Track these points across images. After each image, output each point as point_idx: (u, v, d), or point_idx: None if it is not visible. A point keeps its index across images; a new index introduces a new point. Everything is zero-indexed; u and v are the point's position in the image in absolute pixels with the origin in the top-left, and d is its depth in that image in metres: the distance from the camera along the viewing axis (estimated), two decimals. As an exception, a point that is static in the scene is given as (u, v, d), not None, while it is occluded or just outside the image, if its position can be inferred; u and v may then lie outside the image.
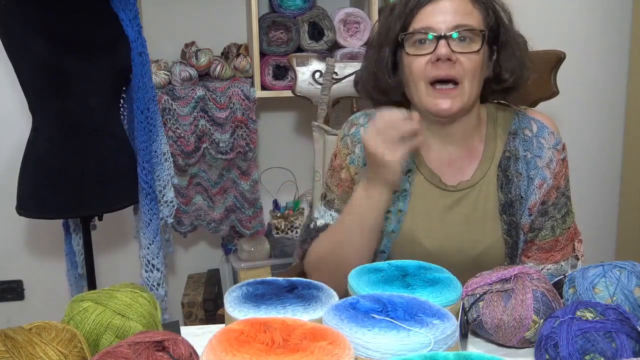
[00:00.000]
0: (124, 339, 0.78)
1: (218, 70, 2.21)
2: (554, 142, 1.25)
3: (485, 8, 1.20)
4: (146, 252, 1.81)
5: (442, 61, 1.15)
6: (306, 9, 2.23)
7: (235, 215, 2.31)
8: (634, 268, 0.93)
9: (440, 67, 1.16)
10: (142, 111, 1.74)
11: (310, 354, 0.71)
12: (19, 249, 2.37)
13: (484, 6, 1.20)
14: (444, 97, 1.18)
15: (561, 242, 1.25)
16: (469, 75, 1.17)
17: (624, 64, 2.56)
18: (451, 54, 1.15)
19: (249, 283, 1.01)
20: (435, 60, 1.15)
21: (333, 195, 1.32)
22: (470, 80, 1.17)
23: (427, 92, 1.19)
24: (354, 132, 1.31)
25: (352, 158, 1.30)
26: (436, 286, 0.96)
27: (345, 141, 1.32)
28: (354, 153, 1.30)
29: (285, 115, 2.51)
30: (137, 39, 1.70)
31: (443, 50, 1.14)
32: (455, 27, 1.15)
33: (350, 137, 1.31)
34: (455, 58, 1.15)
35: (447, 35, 1.15)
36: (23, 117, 1.95)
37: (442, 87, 1.17)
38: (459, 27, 1.15)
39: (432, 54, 1.16)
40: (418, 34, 1.17)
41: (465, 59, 1.16)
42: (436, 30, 1.16)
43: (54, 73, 1.59)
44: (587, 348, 0.80)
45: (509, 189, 1.23)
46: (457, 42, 1.16)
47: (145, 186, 1.76)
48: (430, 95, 1.18)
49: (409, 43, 1.19)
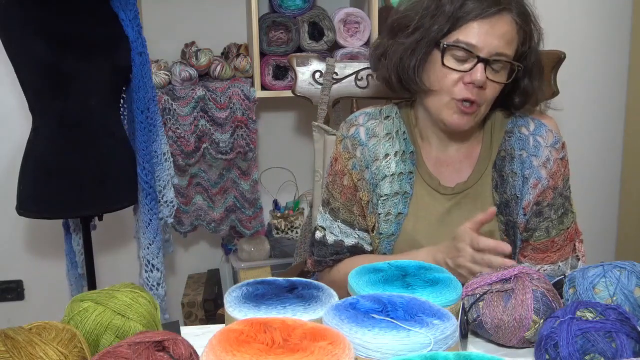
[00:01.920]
0: (124, 339, 0.78)
1: (218, 70, 2.21)
2: (552, 140, 1.23)
3: (524, 34, 1.18)
4: (146, 252, 1.81)
5: (474, 86, 1.15)
6: (306, 9, 2.23)
7: (235, 215, 2.31)
8: (634, 268, 0.93)
9: (470, 90, 1.15)
10: (142, 111, 1.74)
11: (310, 354, 0.71)
12: (19, 249, 2.37)
13: (522, 33, 1.18)
14: (462, 115, 1.17)
15: (558, 243, 1.23)
16: (488, 101, 1.18)
17: (624, 64, 2.56)
18: (485, 82, 1.14)
19: (249, 283, 1.01)
20: (468, 82, 1.15)
21: (337, 204, 1.29)
22: (487, 104, 1.19)
23: (449, 105, 1.18)
24: (354, 133, 1.28)
25: (354, 163, 1.27)
26: (436, 286, 0.96)
27: (345, 144, 1.29)
28: (355, 157, 1.27)
29: (285, 115, 2.51)
30: (137, 39, 1.70)
31: (479, 77, 1.13)
32: (498, 54, 1.14)
33: (350, 139, 1.28)
34: (486, 85, 1.15)
35: (488, 60, 1.14)
36: (23, 117, 1.95)
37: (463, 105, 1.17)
38: (500, 55, 1.15)
39: (467, 75, 1.14)
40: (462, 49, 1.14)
41: (491, 85, 1.16)
42: (479, 50, 1.14)
43: (54, 73, 1.59)
44: (587, 348, 0.80)
45: (504, 189, 1.23)
46: (492, 68, 1.15)
47: (145, 186, 1.76)
48: (451, 109, 1.18)
49: (449, 53, 1.16)
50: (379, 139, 1.26)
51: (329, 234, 1.29)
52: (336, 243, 1.28)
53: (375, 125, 1.28)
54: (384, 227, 1.24)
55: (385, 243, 1.24)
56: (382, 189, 1.24)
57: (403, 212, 1.24)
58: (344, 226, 1.28)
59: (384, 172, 1.24)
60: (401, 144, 1.26)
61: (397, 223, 1.24)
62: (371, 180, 1.25)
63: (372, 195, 1.25)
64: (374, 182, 1.25)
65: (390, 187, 1.24)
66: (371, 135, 1.27)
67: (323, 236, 1.30)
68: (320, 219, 1.32)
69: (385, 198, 1.24)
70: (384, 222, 1.24)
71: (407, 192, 1.24)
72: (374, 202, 1.25)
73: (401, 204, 1.24)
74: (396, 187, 1.24)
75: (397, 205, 1.24)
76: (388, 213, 1.23)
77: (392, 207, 1.23)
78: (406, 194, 1.24)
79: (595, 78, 2.57)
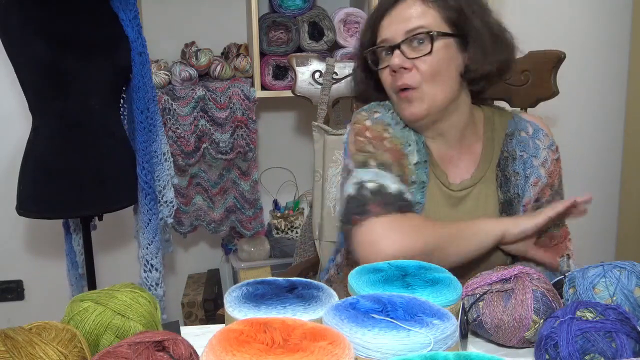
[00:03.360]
0: (124, 339, 0.78)
1: (218, 70, 2.21)
2: (548, 143, 1.28)
3: (444, 3, 1.18)
4: (145, 252, 1.81)
5: (399, 72, 1.18)
6: (306, 9, 2.23)
7: (235, 215, 2.31)
8: (634, 268, 0.93)
9: (398, 77, 1.19)
10: (142, 111, 1.74)
11: (310, 354, 0.71)
12: (19, 249, 2.37)
13: (439, 5, 1.18)
14: (406, 102, 1.20)
15: (555, 237, 1.26)
16: (427, 78, 1.17)
17: (624, 64, 2.56)
18: (404, 62, 1.17)
19: (249, 283, 1.01)
20: (394, 72, 1.19)
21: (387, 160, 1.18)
22: (429, 82, 1.17)
23: (397, 100, 1.23)
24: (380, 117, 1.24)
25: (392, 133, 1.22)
26: (436, 286, 0.96)
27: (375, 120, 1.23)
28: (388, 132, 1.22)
29: (285, 115, 2.51)
30: (137, 39, 1.70)
31: (395, 61, 1.17)
32: (406, 32, 1.17)
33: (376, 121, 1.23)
34: (411, 65, 1.17)
35: (398, 43, 1.18)
36: (23, 117, 1.95)
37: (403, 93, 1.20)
38: (409, 32, 1.17)
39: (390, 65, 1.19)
40: (379, 48, 1.22)
41: (420, 62, 1.17)
42: (390, 41, 1.19)
43: (54, 73, 1.59)
44: (587, 348, 0.80)
45: (508, 188, 1.25)
46: (410, 48, 1.17)
47: (145, 186, 1.76)
48: (399, 102, 1.22)
49: (380, 57, 1.23)
50: (401, 126, 1.25)
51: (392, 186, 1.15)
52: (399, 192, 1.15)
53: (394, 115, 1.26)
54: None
55: None
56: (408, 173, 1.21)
57: (421, 202, 1.22)
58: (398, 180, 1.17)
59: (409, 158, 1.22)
60: (414, 135, 1.25)
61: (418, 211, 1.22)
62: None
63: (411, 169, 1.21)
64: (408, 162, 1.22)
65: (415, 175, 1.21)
66: (396, 122, 1.25)
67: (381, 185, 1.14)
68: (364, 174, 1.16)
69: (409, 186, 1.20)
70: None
71: (424, 181, 1.23)
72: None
73: (419, 194, 1.22)
74: (415, 176, 1.21)
75: (415, 195, 1.21)
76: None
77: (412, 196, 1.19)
78: (423, 183, 1.22)
79: (595, 78, 2.57)
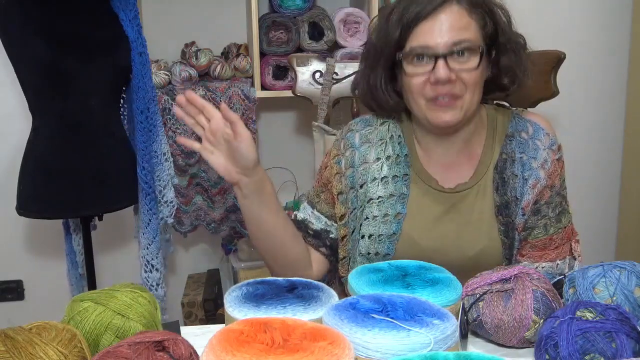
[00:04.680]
0: (124, 339, 0.78)
1: (218, 70, 2.20)
2: (549, 143, 1.25)
3: (482, 15, 1.18)
4: (145, 252, 1.81)
5: (441, 83, 1.14)
6: (306, 9, 2.23)
7: (235, 216, 2.31)
8: (634, 268, 0.93)
9: (439, 88, 1.15)
10: (142, 111, 1.74)
11: (310, 354, 0.71)
12: (19, 249, 2.37)
13: (480, 13, 1.18)
14: (445, 110, 1.17)
15: (556, 240, 1.24)
16: (470, 89, 1.17)
17: (624, 64, 2.56)
18: (450, 75, 1.14)
19: (249, 283, 1.01)
20: (434, 82, 1.15)
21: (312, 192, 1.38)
22: (471, 92, 1.17)
23: (428, 107, 1.19)
24: (349, 136, 1.32)
25: (339, 159, 1.31)
26: (436, 286, 0.96)
27: (338, 144, 1.33)
28: (344, 155, 1.31)
29: (285, 115, 2.51)
30: (137, 39, 1.70)
31: (442, 73, 1.13)
32: (454, 44, 1.14)
33: (344, 140, 1.32)
34: (455, 77, 1.14)
35: (445, 54, 1.13)
36: (23, 117, 1.94)
37: (443, 100, 1.17)
38: (457, 44, 1.14)
39: (431, 74, 1.15)
40: (416, 53, 1.16)
41: (465, 74, 1.15)
42: (434, 49, 1.14)
43: (54, 73, 1.59)
44: (587, 348, 0.80)
45: (505, 191, 1.24)
46: (455, 58, 1.14)
47: (145, 186, 1.76)
48: (431, 109, 1.18)
49: (407, 61, 1.18)
50: (372, 144, 1.30)
51: (299, 214, 1.39)
52: (301, 221, 1.36)
53: (370, 132, 1.31)
54: (384, 228, 1.25)
55: (387, 243, 1.25)
56: (373, 191, 1.27)
57: (402, 212, 1.25)
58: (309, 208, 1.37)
59: (373, 174, 1.27)
60: (395, 148, 1.28)
61: (397, 223, 1.25)
62: (355, 178, 1.29)
63: (351, 191, 1.29)
64: (360, 182, 1.29)
65: (384, 189, 1.26)
66: (364, 141, 1.31)
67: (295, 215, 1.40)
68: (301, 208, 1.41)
69: (381, 200, 1.26)
70: (383, 223, 1.25)
71: (404, 193, 1.26)
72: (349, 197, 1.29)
73: (399, 205, 1.25)
74: (391, 189, 1.26)
75: (394, 206, 1.25)
76: (386, 214, 1.25)
77: (390, 208, 1.25)
78: (403, 195, 1.26)
79: (595, 78, 2.57)
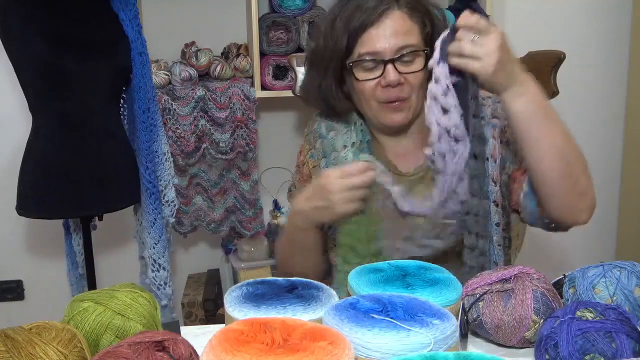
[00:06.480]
0: (124, 339, 0.78)
1: (218, 70, 2.21)
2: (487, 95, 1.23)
3: (421, 17, 1.23)
4: (152, 251, 1.81)
5: (392, 86, 1.19)
6: (306, 9, 2.23)
7: (235, 216, 2.31)
8: (634, 268, 0.93)
9: (390, 91, 1.20)
10: (142, 111, 1.74)
11: (310, 354, 0.71)
12: (19, 249, 2.37)
13: (419, 16, 1.22)
14: (395, 111, 1.23)
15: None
16: (416, 90, 1.22)
17: (624, 64, 2.56)
18: (399, 77, 1.19)
19: (249, 283, 1.01)
20: (385, 86, 1.20)
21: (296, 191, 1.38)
22: (417, 93, 1.23)
23: (379, 109, 1.24)
24: (316, 128, 1.36)
25: (312, 153, 1.36)
26: (436, 286, 0.96)
27: (309, 138, 1.38)
28: (315, 148, 1.35)
29: (285, 115, 2.51)
30: (137, 39, 1.71)
31: (392, 77, 1.19)
32: (400, 48, 1.19)
33: (312, 133, 1.37)
34: (403, 79, 1.20)
35: (393, 59, 1.19)
36: (23, 117, 1.94)
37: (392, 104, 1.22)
38: (403, 48, 1.19)
39: (382, 79, 1.20)
40: (365, 60, 1.20)
41: (411, 77, 1.20)
42: (382, 55, 1.19)
43: (54, 73, 1.59)
44: (587, 348, 0.80)
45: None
46: (401, 63, 1.20)
47: (149, 186, 1.76)
48: (383, 110, 1.24)
49: (357, 67, 1.22)
50: (337, 132, 1.34)
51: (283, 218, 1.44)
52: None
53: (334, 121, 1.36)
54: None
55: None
56: None
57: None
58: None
59: (341, 162, 1.31)
60: (358, 135, 1.32)
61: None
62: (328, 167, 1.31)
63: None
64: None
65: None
66: (330, 129, 1.35)
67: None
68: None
69: None
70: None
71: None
72: None
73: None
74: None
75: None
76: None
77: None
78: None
79: (595, 78, 2.57)
